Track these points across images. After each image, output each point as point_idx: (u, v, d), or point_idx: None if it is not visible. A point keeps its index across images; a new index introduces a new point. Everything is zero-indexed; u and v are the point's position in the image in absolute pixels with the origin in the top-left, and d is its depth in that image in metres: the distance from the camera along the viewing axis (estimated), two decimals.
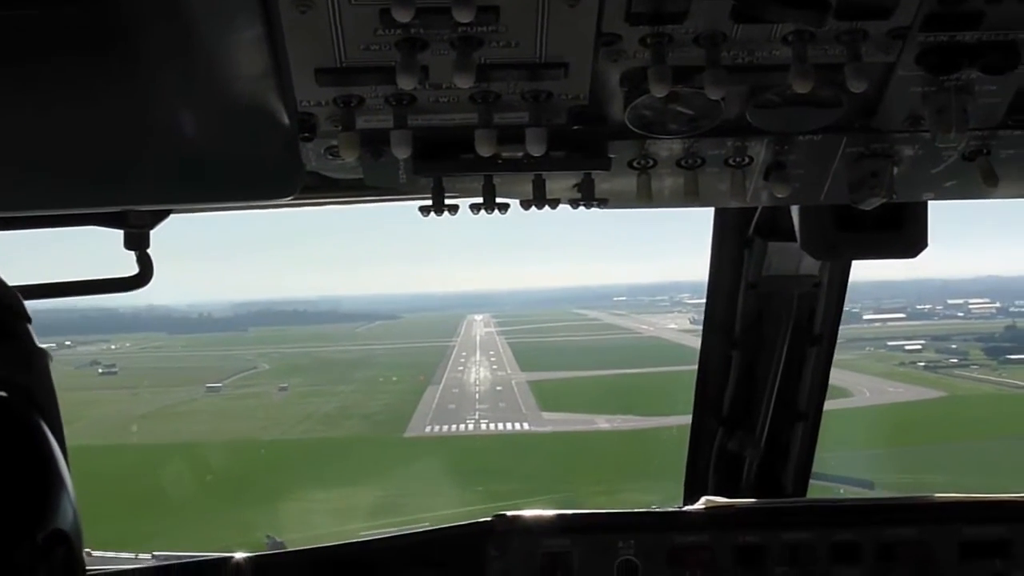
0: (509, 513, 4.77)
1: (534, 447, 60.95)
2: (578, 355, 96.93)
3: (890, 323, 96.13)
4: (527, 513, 4.80)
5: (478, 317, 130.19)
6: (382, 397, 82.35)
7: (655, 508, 5.38)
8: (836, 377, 5.78)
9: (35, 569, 1.43)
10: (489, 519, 4.76)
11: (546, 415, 72.54)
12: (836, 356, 5.48)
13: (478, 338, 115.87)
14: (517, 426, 71.10)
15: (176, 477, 45.68)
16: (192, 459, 52.10)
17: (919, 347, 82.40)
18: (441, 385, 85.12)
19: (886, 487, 40.23)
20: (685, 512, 4.94)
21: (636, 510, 5.01)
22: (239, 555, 4.70)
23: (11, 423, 1.49)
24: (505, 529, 4.72)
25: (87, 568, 1.57)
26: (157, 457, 53.81)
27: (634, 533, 4.73)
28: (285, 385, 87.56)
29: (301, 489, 49.37)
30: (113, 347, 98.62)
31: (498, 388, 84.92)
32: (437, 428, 70.32)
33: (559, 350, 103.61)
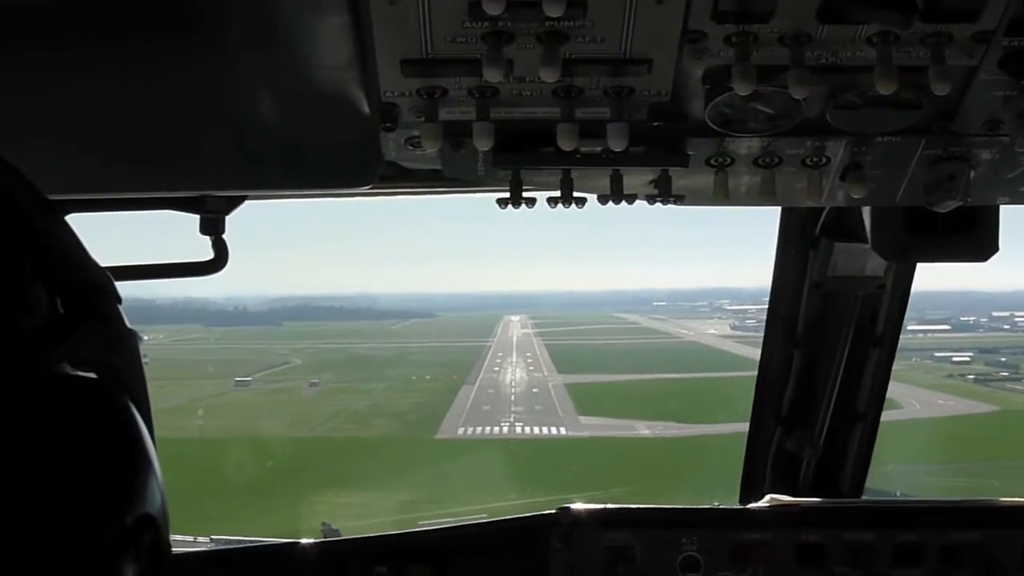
0: (573, 506, 4.79)
1: (571, 453, 58.14)
2: (617, 358, 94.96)
3: (934, 334, 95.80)
4: (591, 506, 4.84)
5: (515, 318, 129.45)
6: (414, 396, 79.88)
7: (718, 505, 5.38)
8: None
9: (123, 552, 1.46)
10: (553, 511, 4.77)
11: (583, 419, 69.40)
12: None
13: (515, 339, 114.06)
14: (553, 430, 67.63)
15: (192, 475, 43.02)
16: (208, 456, 50.99)
17: (967, 359, 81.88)
18: (476, 385, 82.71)
19: None
20: (748, 509, 4.93)
21: (700, 506, 5.01)
22: (305, 541, 4.76)
23: (100, 405, 1.51)
24: (569, 521, 4.74)
25: None
26: (175, 452, 51.28)
27: (697, 529, 4.73)
28: (316, 381, 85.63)
29: (319, 492, 46.80)
30: (146, 338, 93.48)
31: (534, 390, 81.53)
32: (470, 430, 67.46)
33: (597, 353, 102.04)
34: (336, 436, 66.66)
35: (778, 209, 4.88)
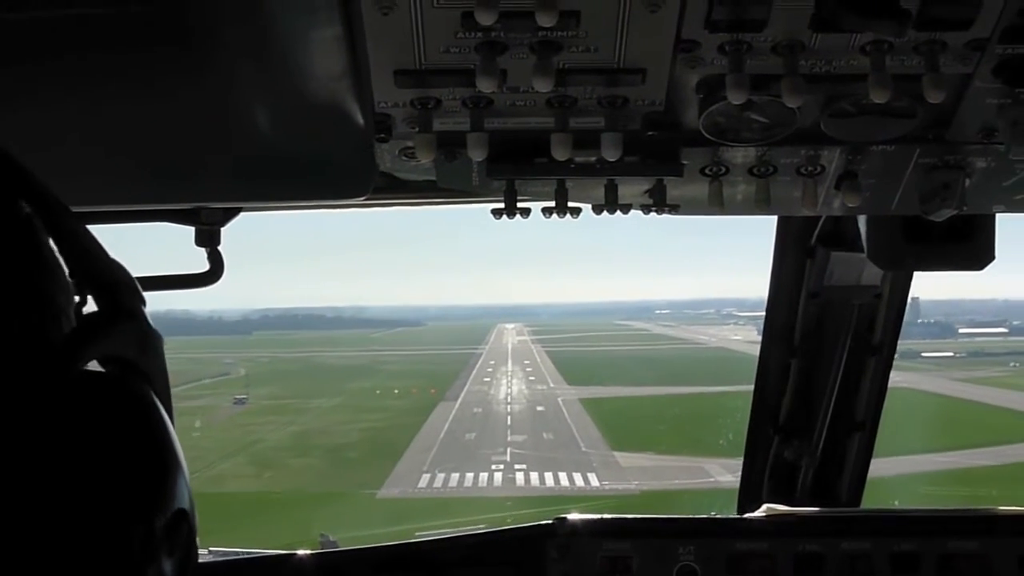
0: (570, 516, 4.52)
1: None
2: (636, 367, 78.17)
3: (985, 337, 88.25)
4: (588, 516, 4.56)
5: (510, 325, 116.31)
6: (370, 417, 60.81)
7: (715, 515, 5.01)
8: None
9: (161, 547, 1.43)
10: (550, 521, 4.52)
11: (621, 457, 46.40)
12: (983, 373, 7.03)
13: (510, 346, 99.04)
14: (578, 479, 43.37)
15: None
16: None
17: None
18: (458, 402, 63.27)
19: None
20: (745, 519, 4.69)
21: (697, 516, 4.71)
22: (302, 552, 4.50)
23: (134, 403, 1.48)
24: (566, 531, 4.45)
25: None
26: None
27: (694, 539, 4.45)
28: (243, 396, 69.93)
29: None
30: None
31: (539, 409, 60.63)
32: (439, 480, 44.31)
33: (611, 361, 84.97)
34: (204, 491, 42.51)
35: (775, 219, 4.67)
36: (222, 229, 3.75)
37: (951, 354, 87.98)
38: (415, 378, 76.89)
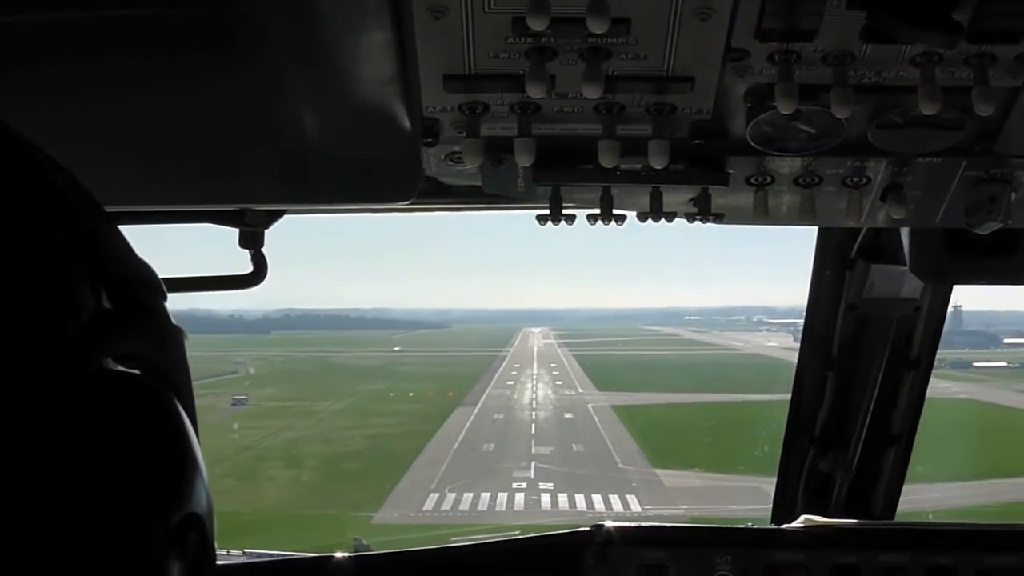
0: (607, 524, 4.48)
1: None
2: (670, 372, 75.34)
3: None
4: (624, 524, 4.54)
5: (535, 329, 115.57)
6: (379, 422, 56.84)
7: (752, 525, 5.04)
8: None
9: (169, 552, 1.39)
10: (587, 528, 4.51)
11: (664, 475, 39.74)
12: None
13: (535, 349, 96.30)
14: (615, 502, 36.81)
15: None
16: None
17: None
18: (477, 407, 58.32)
19: None
20: (783, 530, 4.65)
21: (734, 526, 4.70)
22: (339, 555, 4.52)
23: (147, 402, 1.46)
24: (603, 539, 4.44)
25: None
26: None
27: (731, 548, 4.43)
28: (243, 397, 65.81)
29: None
30: None
31: (567, 416, 55.30)
32: (448, 500, 37.70)
33: (642, 366, 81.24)
34: None
35: (813, 231, 4.66)
36: (266, 232, 3.77)
37: (1004, 364, 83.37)
38: (433, 380, 75.21)
